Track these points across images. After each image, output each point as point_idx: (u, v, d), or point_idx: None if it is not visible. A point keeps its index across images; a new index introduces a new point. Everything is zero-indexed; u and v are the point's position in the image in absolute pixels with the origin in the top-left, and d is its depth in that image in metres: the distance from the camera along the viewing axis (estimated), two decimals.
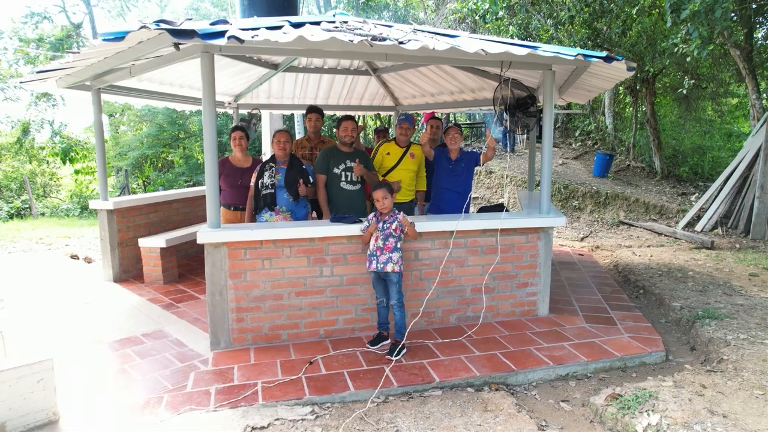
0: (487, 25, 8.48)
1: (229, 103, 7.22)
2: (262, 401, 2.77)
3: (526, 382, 3.19)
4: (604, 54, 3.42)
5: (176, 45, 2.97)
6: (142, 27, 2.65)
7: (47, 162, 21.00)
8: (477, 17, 8.32)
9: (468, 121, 15.25)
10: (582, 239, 8.53)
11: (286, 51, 3.64)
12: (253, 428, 2.53)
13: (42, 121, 19.66)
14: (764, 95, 10.72)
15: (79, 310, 4.42)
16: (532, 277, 4.07)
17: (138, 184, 19.30)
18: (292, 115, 12.50)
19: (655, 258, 6.54)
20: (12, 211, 15.36)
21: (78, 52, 3.32)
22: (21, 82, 4.38)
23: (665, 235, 8.33)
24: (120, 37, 2.77)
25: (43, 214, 15.89)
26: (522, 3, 7.30)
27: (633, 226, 9.09)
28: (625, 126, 14.26)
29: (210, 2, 17.34)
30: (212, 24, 2.96)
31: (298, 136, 11.10)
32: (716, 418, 2.50)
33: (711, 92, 12.23)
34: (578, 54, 3.29)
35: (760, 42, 10.74)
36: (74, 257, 6.53)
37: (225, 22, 3.01)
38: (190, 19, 2.95)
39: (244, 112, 7.92)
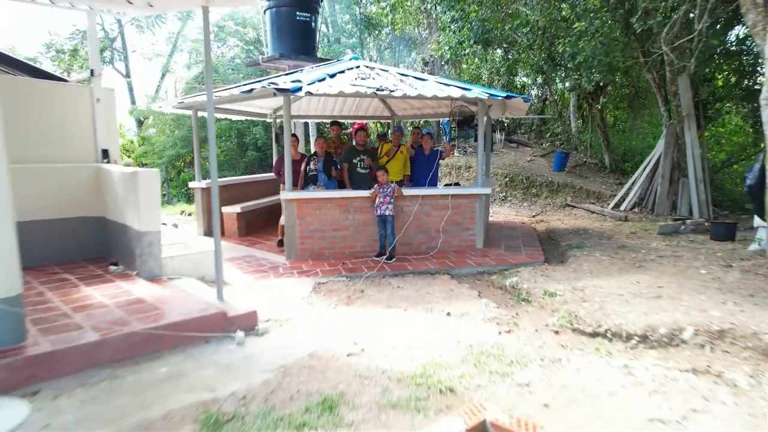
0: (458, 59, 11.27)
1: (270, 115, 9.91)
2: (321, 275, 5.46)
3: (461, 273, 5.86)
4: (505, 93, 6.10)
5: (275, 93, 5.64)
6: (262, 87, 5.32)
7: None
8: (443, 63, 11.14)
9: (454, 125, 17.95)
10: (534, 216, 11.22)
11: (331, 96, 6.33)
12: (318, 283, 5.22)
13: None
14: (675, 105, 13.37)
15: (190, 247, 7.09)
16: (472, 224, 6.76)
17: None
18: (308, 123, 15.19)
19: (575, 225, 9.24)
20: None
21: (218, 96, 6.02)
22: (159, 107, 7.05)
23: (597, 213, 11.02)
24: (249, 92, 5.46)
25: None
26: (475, 49, 10.02)
27: (575, 207, 11.79)
28: (586, 128, 16.95)
29: (233, 21, 20.04)
30: (293, 81, 5.64)
31: (312, 138, 13.77)
32: (543, 277, 5.19)
33: (650, 100, 14.95)
34: (489, 95, 5.97)
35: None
36: (164, 224, 9.22)
37: (299, 80, 5.69)
38: (285, 81, 5.61)
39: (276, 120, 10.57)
